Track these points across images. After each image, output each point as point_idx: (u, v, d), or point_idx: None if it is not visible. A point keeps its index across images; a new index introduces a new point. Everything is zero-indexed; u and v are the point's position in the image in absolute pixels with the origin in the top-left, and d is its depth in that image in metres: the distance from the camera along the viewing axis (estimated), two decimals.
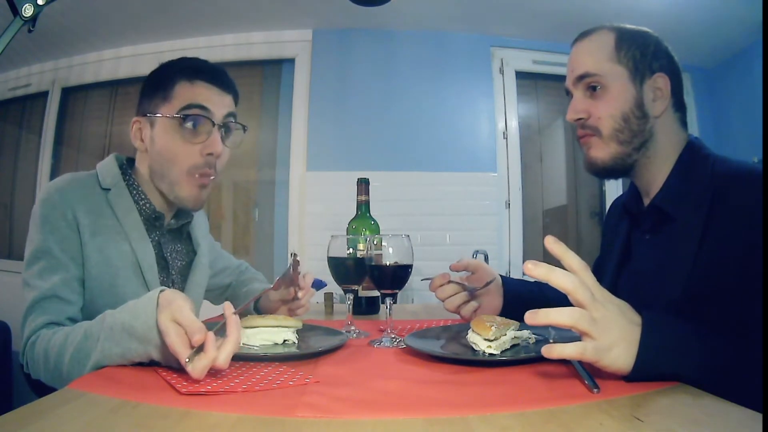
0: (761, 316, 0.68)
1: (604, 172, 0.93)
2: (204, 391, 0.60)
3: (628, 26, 0.93)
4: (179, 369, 0.69)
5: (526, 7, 2.73)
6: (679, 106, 0.92)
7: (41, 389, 0.86)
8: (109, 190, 1.02)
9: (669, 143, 0.91)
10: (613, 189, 3.11)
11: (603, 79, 0.90)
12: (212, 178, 1.05)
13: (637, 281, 0.93)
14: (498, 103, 3.07)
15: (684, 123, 0.94)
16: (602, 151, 0.91)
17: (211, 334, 0.65)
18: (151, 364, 0.72)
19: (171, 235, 1.13)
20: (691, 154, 0.89)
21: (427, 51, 3.02)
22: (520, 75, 3.13)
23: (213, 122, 1.01)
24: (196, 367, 0.63)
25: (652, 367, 0.62)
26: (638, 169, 0.92)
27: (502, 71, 3.09)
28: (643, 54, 0.90)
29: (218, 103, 1.03)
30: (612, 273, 0.99)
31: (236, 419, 0.52)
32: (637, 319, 0.65)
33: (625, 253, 0.98)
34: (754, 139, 2.73)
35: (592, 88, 0.91)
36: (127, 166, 1.09)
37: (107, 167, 1.06)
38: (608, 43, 0.91)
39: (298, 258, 1.08)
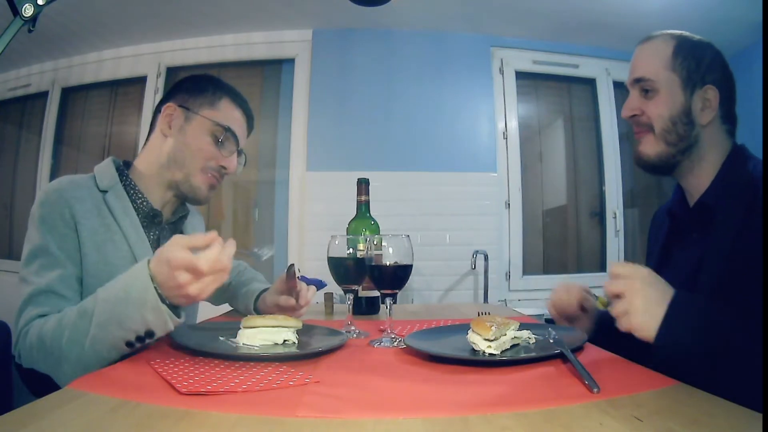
0: None
1: (649, 167, 0.99)
2: (204, 391, 0.60)
3: (689, 35, 0.98)
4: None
5: (526, 7, 2.73)
6: (727, 118, 0.97)
7: (32, 380, 0.87)
8: (107, 191, 1.05)
9: (714, 151, 0.96)
10: (613, 189, 3.12)
11: (656, 84, 0.95)
12: (219, 182, 1.17)
13: (676, 274, 0.96)
14: (498, 103, 3.07)
15: (731, 134, 0.98)
16: (651, 148, 0.97)
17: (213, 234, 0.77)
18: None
19: (168, 232, 1.16)
20: (735, 159, 0.94)
21: (427, 51, 3.02)
22: (520, 75, 3.13)
23: (237, 145, 1.16)
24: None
25: (678, 334, 0.68)
26: (681, 170, 0.98)
27: (502, 71, 3.10)
28: (698, 65, 0.94)
29: (243, 132, 1.19)
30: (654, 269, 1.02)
31: (236, 419, 0.52)
32: (668, 287, 0.74)
33: (666, 250, 1.03)
34: (754, 139, 2.73)
35: (645, 91, 0.97)
36: (124, 168, 1.13)
37: (104, 169, 1.09)
38: (667, 50, 0.96)
39: (294, 269, 1.14)
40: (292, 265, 1.15)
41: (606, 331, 1.08)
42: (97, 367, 0.76)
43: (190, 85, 1.15)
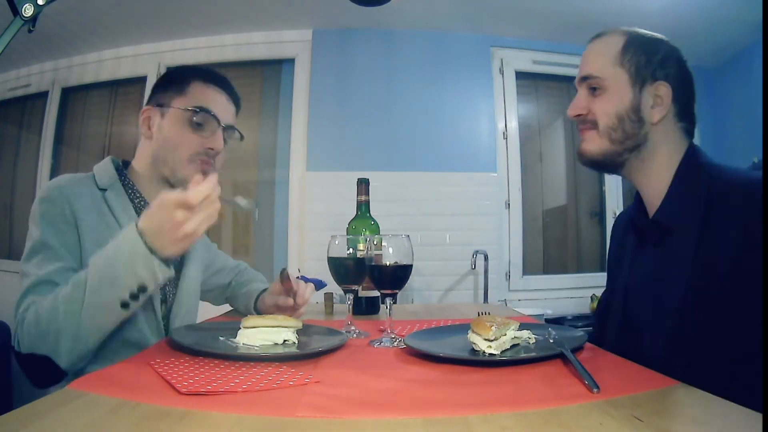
0: (758, 319, 0.69)
1: (592, 164, 0.97)
2: (204, 391, 0.60)
3: (642, 32, 0.94)
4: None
5: (526, 7, 2.73)
6: (684, 116, 0.93)
7: (32, 365, 0.88)
8: (106, 190, 1.06)
9: (667, 151, 0.92)
10: (613, 189, 3.12)
11: (603, 82, 0.92)
12: (211, 167, 1.13)
13: (642, 291, 0.95)
14: (498, 103, 3.07)
15: (688, 132, 0.94)
16: (594, 145, 0.94)
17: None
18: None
19: None
20: (689, 164, 0.90)
21: (427, 51, 3.02)
22: (520, 75, 3.13)
23: (218, 122, 1.11)
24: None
25: None
26: (629, 169, 0.95)
27: (502, 71, 3.09)
28: (648, 61, 0.91)
29: (225, 108, 1.14)
30: (623, 286, 1.01)
31: (236, 419, 0.52)
32: None
33: (633, 266, 1.00)
34: (753, 139, 2.73)
35: (593, 89, 0.94)
36: (123, 167, 1.14)
37: (104, 168, 1.10)
38: (616, 46, 0.93)
39: (286, 272, 1.15)
40: (284, 269, 1.15)
41: None
42: (95, 339, 0.78)
43: (162, 82, 1.15)
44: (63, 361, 0.84)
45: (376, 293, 1.35)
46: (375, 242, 0.96)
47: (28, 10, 0.84)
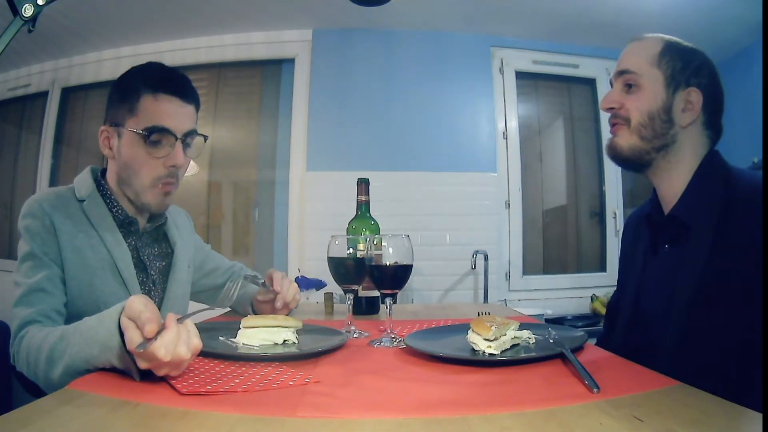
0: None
1: (620, 159, 0.98)
2: (204, 391, 0.60)
3: (680, 41, 0.97)
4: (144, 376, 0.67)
5: (526, 7, 2.73)
6: (711, 126, 0.95)
7: (24, 379, 0.89)
8: (84, 201, 1.08)
9: (692, 156, 0.94)
10: (613, 189, 3.12)
11: (639, 79, 0.95)
12: (174, 186, 1.11)
13: (656, 286, 0.96)
14: (498, 103, 3.07)
15: (713, 142, 0.97)
16: (624, 140, 0.96)
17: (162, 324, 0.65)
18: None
19: (148, 239, 1.17)
20: (709, 166, 0.93)
21: (427, 51, 3.02)
22: (520, 75, 3.13)
23: (175, 137, 1.06)
24: (142, 354, 0.63)
25: None
26: (656, 170, 0.96)
27: (502, 71, 3.09)
28: (684, 67, 0.94)
29: (181, 115, 1.07)
30: (636, 282, 1.01)
31: (236, 419, 0.52)
32: None
33: (646, 264, 1.01)
34: (754, 139, 2.73)
35: (629, 86, 0.96)
36: (102, 176, 1.14)
37: (82, 180, 1.12)
38: (655, 48, 0.96)
39: (256, 279, 1.20)
40: (256, 278, 1.21)
41: None
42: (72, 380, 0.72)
43: (115, 96, 1.08)
44: (48, 390, 0.84)
45: (376, 293, 1.35)
46: (375, 242, 0.96)
47: (28, 10, 0.84)
